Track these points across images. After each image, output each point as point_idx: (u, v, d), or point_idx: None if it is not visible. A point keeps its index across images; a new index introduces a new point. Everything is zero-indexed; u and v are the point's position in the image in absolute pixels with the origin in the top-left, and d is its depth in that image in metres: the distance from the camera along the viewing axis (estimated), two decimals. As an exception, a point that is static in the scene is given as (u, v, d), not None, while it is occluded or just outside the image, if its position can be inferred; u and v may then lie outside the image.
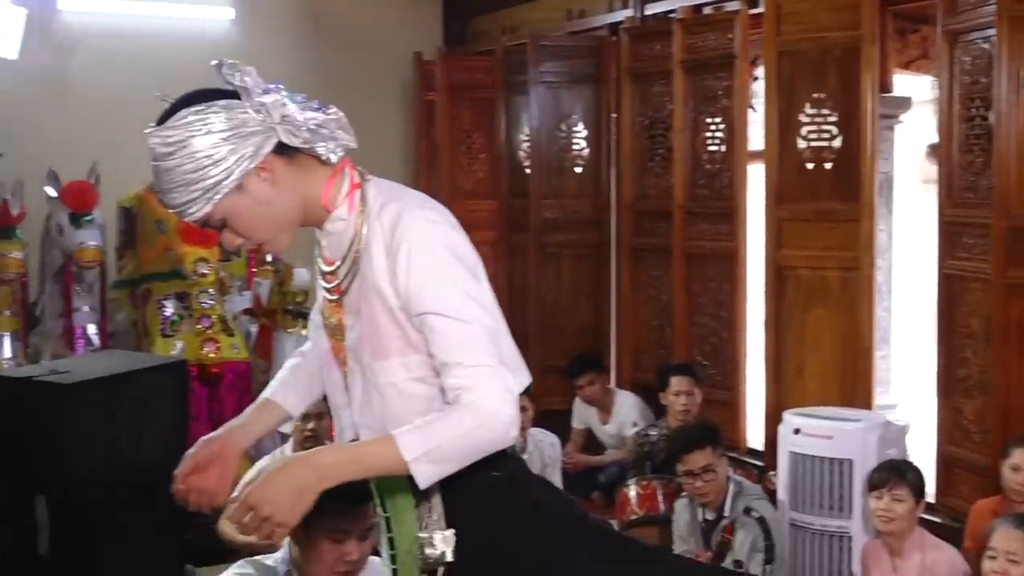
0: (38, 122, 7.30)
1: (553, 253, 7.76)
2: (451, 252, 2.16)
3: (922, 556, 4.18)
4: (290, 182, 2.16)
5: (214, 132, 2.07)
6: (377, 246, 2.15)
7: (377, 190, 2.24)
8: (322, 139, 2.14)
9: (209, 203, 2.10)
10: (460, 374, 2.07)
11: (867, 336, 5.63)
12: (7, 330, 6.01)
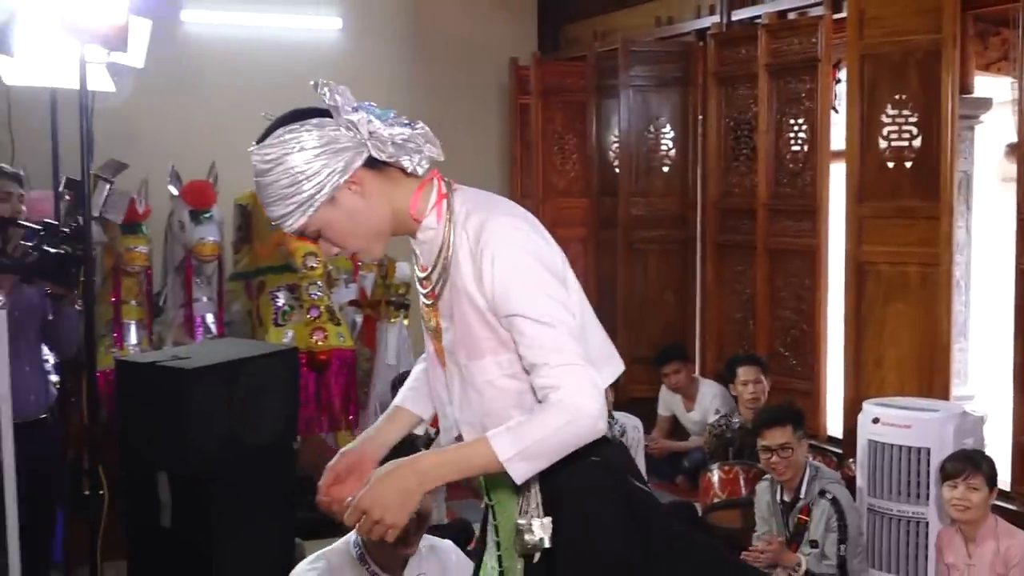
0: (162, 125, 7.45)
1: (641, 249, 7.75)
2: (533, 256, 2.15)
3: (996, 543, 4.12)
4: (380, 194, 2.18)
5: (307, 149, 2.11)
6: (463, 253, 2.17)
7: (463, 199, 2.24)
8: (408, 153, 2.17)
9: (304, 215, 2.14)
10: (547, 374, 2.08)
11: (945, 330, 5.55)
12: (133, 319, 6.13)
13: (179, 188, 6.12)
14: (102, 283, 6.05)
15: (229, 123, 7.69)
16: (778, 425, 4.72)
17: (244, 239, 6.39)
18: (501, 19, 9.00)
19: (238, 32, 8.09)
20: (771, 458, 4.69)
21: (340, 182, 2.12)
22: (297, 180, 2.11)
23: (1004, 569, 4.07)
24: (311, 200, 2.12)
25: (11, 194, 4.55)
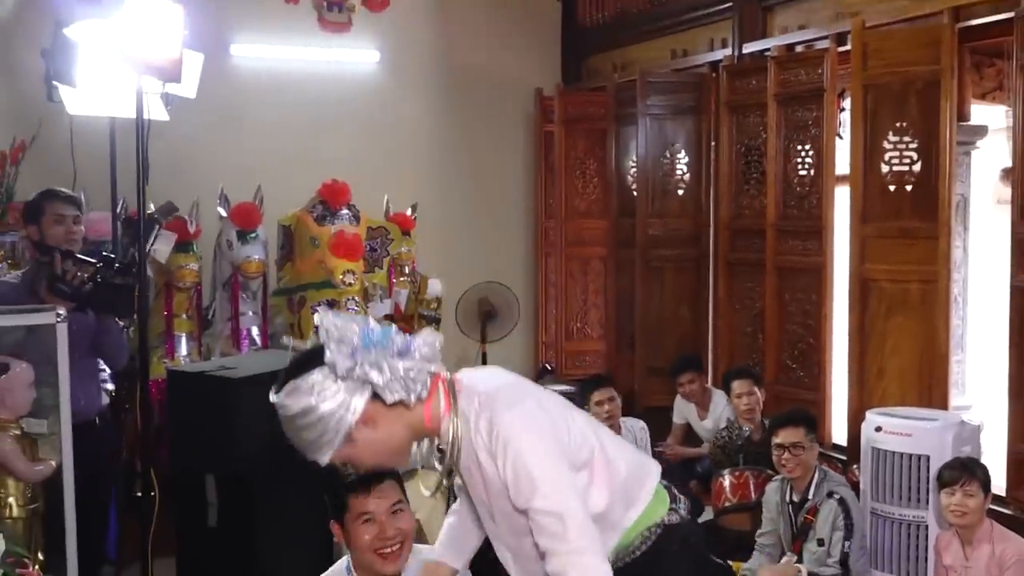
0: (212, 151, 7.50)
1: (657, 267, 7.74)
2: (540, 446, 2.24)
3: (992, 546, 4.08)
4: (392, 420, 2.27)
5: (317, 403, 2.21)
6: (483, 453, 2.27)
7: (468, 400, 2.32)
8: (408, 388, 2.22)
9: (326, 455, 2.27)
10: (555, 562, 2.19)
11: (944, 343, 5.53)
12: (184, 331, 6.17)
13: (227, 210, 6.17)
14: (155, 298, 6.09)
15: (274, 150, 7.78)
16: (792, 425, 4.75)
17: (287, 257, 6.42)
18: (527, 52, 9.02)
19: (283, 65, 8.15)
20: (783, 455, 4.70)
21: (352, 424, 2.22)
22: (319, 428, 2.23)
23: (999, 571, 4.04)
24: (329, 443, 2.24)
25: (65, 216, 4.53)
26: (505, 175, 8.97)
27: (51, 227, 4.50)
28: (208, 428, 3.99)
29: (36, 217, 4.55)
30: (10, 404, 3.86)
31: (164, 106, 4.96)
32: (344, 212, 6.24)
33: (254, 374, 4.06)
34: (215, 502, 3.99)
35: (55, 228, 4.50)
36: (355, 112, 8.31)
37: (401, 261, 6.89)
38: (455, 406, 2.31)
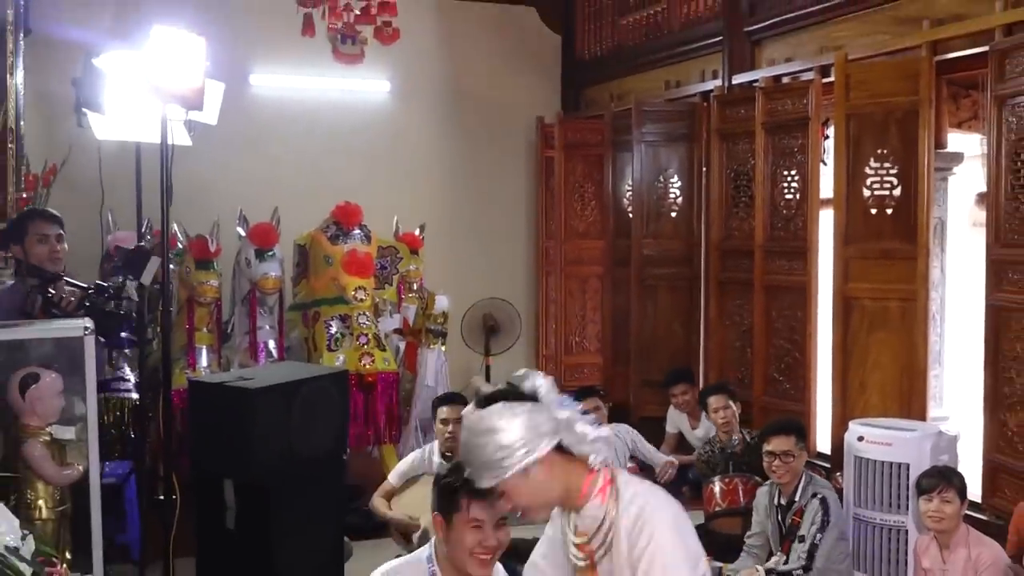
0: (232, 175, 7.53)
1: (651, 285, 7.74)
2: (680, 551, 2.26)
3: (968, 550, 4.07)
4: (561, 474, 2.32)
5: (516, 429, 2.26)
6: (623, 535, 2.29)
7: (625, 485, 2.35)
8: (595, 450, 2.33)
9: (496, 479, 2.29)
10: None
11: (922, 358, 5.53)
12: (205, 344, 6.17)
13: (246, 229, 6.17)
14: (177, 312, 6.10)
15: (291, 173, 7.82)
16: (783, 434, 4.76)
17: (302, 275, 6.43)
18: (529, 83, 9.07)
19: (299, 94, 8.20)
20: (774, 462, 4.71)
21: (533, 460, 2.26)
22: (502, 449, 2.25)
23: (975, 574, 4.03)
24: (506, 469, 2.26)
25: (48, 235, 4.47)
26: (508, 198, 8.99)
27: (35, 246, 4.44)
28: (227, 435, 3.98)
29: (20, 237, 4.48)
30: (40, 412, 3.87)
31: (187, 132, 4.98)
32: (356, 232, 6.25)
33: (270, 385, 4.06)
34: (233, 506, 3.97)
35: (39, 247, 4.44)
36: (367, 138, 8.34)
37: (410, 278, 6.89)
38: (615, 487, 2.33)
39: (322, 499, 4.26)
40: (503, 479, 2.27)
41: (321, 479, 4.27)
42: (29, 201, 5.78)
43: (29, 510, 3.84)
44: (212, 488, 4.04)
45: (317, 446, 4.19)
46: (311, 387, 4.20)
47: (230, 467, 3.99)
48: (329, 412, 4.28)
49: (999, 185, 5.02)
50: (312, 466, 4.17)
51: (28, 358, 3.91)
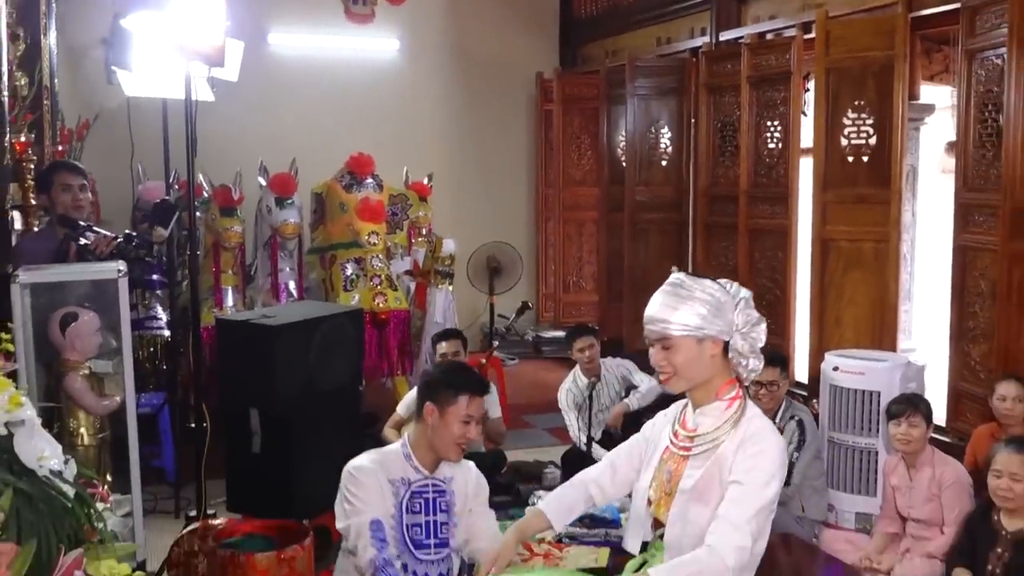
0: (252, 128, 7.49)
1: (643, 228, 7.74)
2: (776, 466, 2.30)
3: (932, 469, 4.11)
4: (715, 364, 2.36)
5: (715, 306, 2.34)
6: (736, 438, 2.33)
7: (755, 409, 2.41)
8: (745, 371, 2.39)
9: (675, 331, 2.32)
10: (717, 528, 2.23)
11: (893, 294, 5.55)
12: (230, 285, 6.18)
13: (266, 179, 6.15)
14: (204, 257, 6.10)
15: (307, 126, 7.77)
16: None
17: (319, 221, 6.41)
18: (529, 41, 8.98)
19: (314, 52, 8.13)
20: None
21: (708, 335, 2.32)
22: (695, 312, 2.32)
23: (938, 490, 4.06)
24: (690, 329, 2.31)
25: (71, 185, 4.46)
26: (509, 148, 8.95)
27: (59, 195, 4.45)
28: (251, 368, 4.00)
29: (47, 186, 4.50)
30: (80, 348, 3.89)
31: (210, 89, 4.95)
32: (369, 181, 6.22)
33: (291, 322, 4.08)
34: (258, 432, 4.01)
35: (63, 196, 4.45)
36: (378, 93, 8.28)
37: (419, 224, 6.89)
38: (744, 404, 2.38)
39: (339, 426, 4.29)
40: (678, 335, 2.31)
41: (338, 408, 4.31)
42: (64, 153, 5.75)
43: (72, 437, 3.88)
44: (239, 417, 4.07)
45: (334, 378, 4.21)
46: (329, 324, 4.22)
47: (255, 397, 4.02)
48: (345, 347, 4.30)
49: (967, 134, 4.98)
50: (330, 396, 4.20)
51: (67, 299, 3.92)
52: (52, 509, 1.61)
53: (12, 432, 1.63)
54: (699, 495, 2.30)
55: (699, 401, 2.40)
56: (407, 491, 2.95)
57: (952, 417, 5.06)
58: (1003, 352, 4.73)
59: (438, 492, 2.97)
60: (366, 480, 2.90)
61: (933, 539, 4.02)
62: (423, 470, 2.97)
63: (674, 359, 2.33)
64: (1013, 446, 3.55)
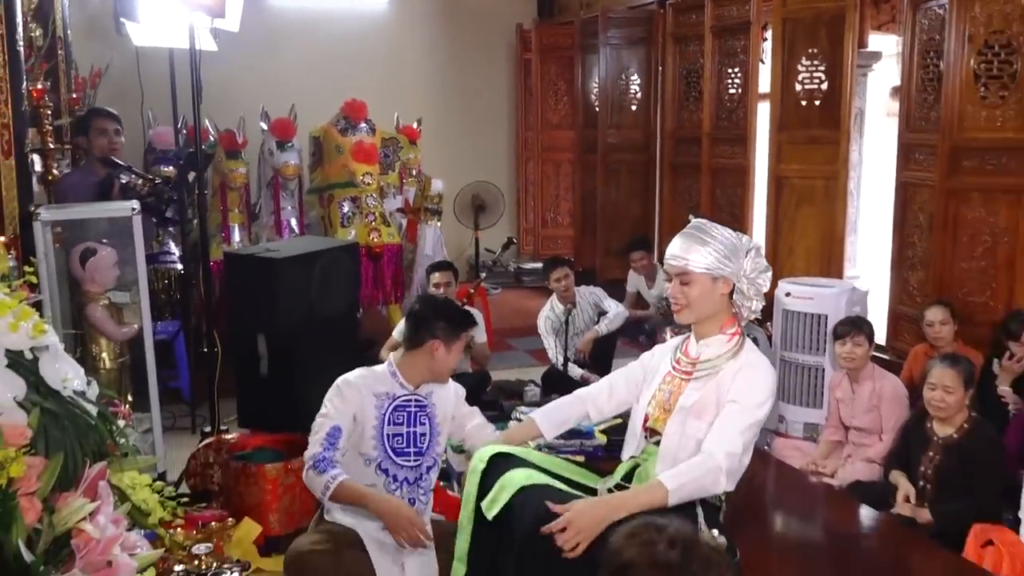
0: (254, 76, 7.35)
1: (614, 168, 7.71)
2: (766, 405, 2.35)
3: (873, 383, 4.15)
4: (722, 302, 2.41)
5: (731, 249, 2.38)
6: (733, 367, 2.38)
7: (749, 344, 2.45)
8: (745, 312, 2.44)
9: (694, 266, 2.36)
10: (713, 437, 2.29)
11: (840, 227, 5.56)
12: (237, 222, 6.12)
13: (268, 124, 6.07)
14: (212, 196, 6.03)
15: (304, 75, 7.63)
16: None
17: (317, 163, 6.34)
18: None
19: (311, 4, 7.97)
20: None
21: (722, 275, 2.37)
22: (718, 246, 2.36)
23: (877, 402, 4.12)
24: (706, 266, 2.35)
25: (107, 129, 4.53)
26: (492, 95, 8.84)
27: (97, 138, 4.51)
28: (258, 298, 3.99)
29: (84, 130, 4.56)
30: (99, 280, 3.86)
31: (213, 39, 4.84)
32: (362, 125, 6.15)
33: (293, 255, 4.05)
34: (265, 355, 4.01)
35: (99, 139, 4.51)
36: (370, 43, 8.13)
37: (409, 165, 6.83)
38: (743, 336, 2.44)
39: (338, 350, 4.29)
40: (696, 270, 2.35)
41: (337, 333, 4.30)
42: (79, 101, 5.64)
43: (94, 362, 3.87)
44: (247, 341, 4.07)
45: (333, 306, 4.20)
46: (327, 257, 4.20)
47: (261, 324, 4.01)
48: (343, 278, 4.29)
49: (911, 79, 4.96)
50: (330, 323, 4.20)
51: (87, 235, 3.88)
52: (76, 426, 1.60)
53: (37, 356, 1.61)
54: (697, 412, 2.36)
55: (703, 334, 2.45)
56: (390, 404, 2.99)
57: (892, 337, 5.12)
58: (938, 279, 4.77)
59: (419, 407, 3.01)
60: (348, 394, 2.94)
61: (872, 446, 4.09)
62: (408, 386, 3.01)
63: (690, 293, 2.38)
64: (947, 362, 3.59)
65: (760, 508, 3.49)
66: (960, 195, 4.66)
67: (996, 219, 4.55)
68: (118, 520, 1.60)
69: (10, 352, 1.57)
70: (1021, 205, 4.44)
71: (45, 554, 1.48)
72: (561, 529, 2.13)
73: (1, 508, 1.41)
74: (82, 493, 1.53)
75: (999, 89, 4.46)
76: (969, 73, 4.54)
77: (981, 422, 3.55)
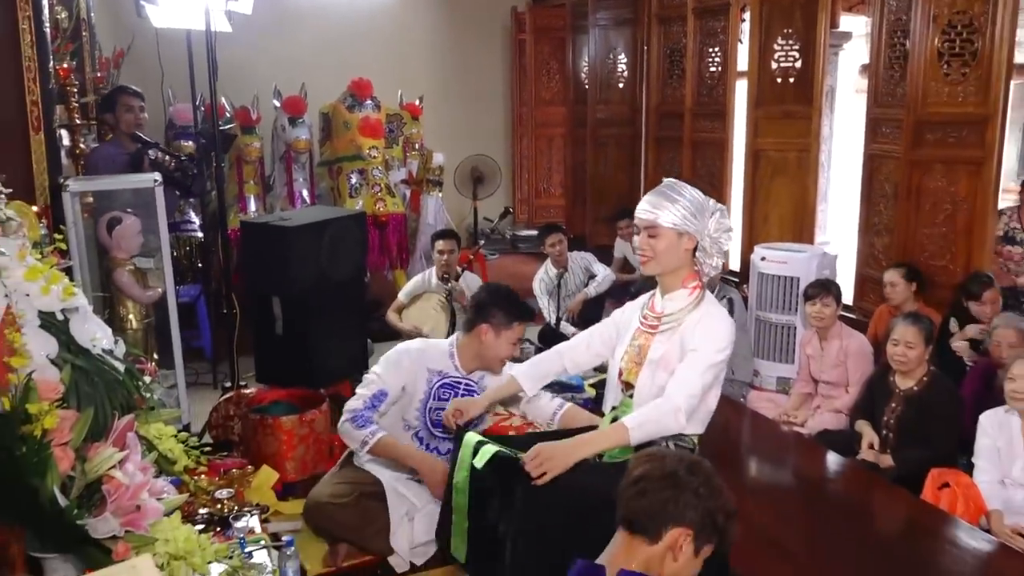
0: (266, 56, 7.24)
1: (602, 142, 7.65)
2: (723, 342, 2.32)
3: (840, 341, 4.18)
4: (686, 258, 2.37)
5: (697, 208, 2.34)
6: (694, 319, 2.35)
7: (709, 297, 2.42)
8: (708, 269, 2.40)
9: (663, 221, 2.32)
10: (672, 381, 2.28)
11: (812, 196, 5.53)
12: (252, 193, 6.10)
13: (280, 101, 6.03)
14: (229, 169, 6.00)
15: (314, 55, 7.53)
16: None
17: (327, 137, 6.30)
18: (505, -23, 8.68)
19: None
20: None
21: (687, 231, 2.33)
22: (687, 205, 2.32)
23: (844, 358, 4.14)
24: (673, 222, 2.31)
25: (133, 107, 4.50)
26: (489, 73, 8.74)
27: (123, 115, 4.47)
28: (272, 263, 3.97)
29: (112, 107, 4.51)
30: (124, 247, 3.85)
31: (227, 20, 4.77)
32: (368, 102, 6.09)
33: (305, 224, 4.03)
34: (280, 316, 4.01)
35: (126, 115, 4.47)
36: (375, 25, 8.02)
37: (412, 139, 6.79)
38: (703, 294, 2.40)
39: (348, 311, 4.29)
40: (663, 225, 2.31)
41: (346, 296, 4.30)
42: (103, 80, 5.57)
43: (122, 323, 3.86)
44: (263, 304, 4.06)
45: (342, 271, 4.19)
46: (336, 225, 4.18)
47: (276, 287, 4.00)
48: (351, 244, 4.27)
49: (879, 58, 4.91)
50: (339, 286, 4.19)
51: (113, 204, 3.85)
52: (105, 382, 1.60)
53: (68, 318, 1.60)
54: (665, 364, 2.35)
55: (667, 288, 2.42)
56: (440, 380, 2.97)
57: (858, 298, 5.12)
58: (902, 244, 4.77)
59: (468, 390, 2.98)
60: (406, 363, 2.93)
61: (839, 397, 4.12)
62: (461, 370, 2.99)
63: (656, 245, 2.34)
64: (909, 320, 3.60)
65: (736, 454, 3.52)
66: (923, 166, 4.64)
67: (956, 188, 4.54)
68: (146, 468, 1.60)
69: (42, 313, 1.56)
70: (980, 175, 4.42)
71: (78, 499, 1.48)
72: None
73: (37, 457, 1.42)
74: (112, 443, 1.54)
75: (961, 67, 4.42)
76: (933, 52, 4.50)
77: (940, 376, 3.57)
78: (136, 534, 1.49)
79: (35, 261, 1.61)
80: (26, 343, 1.47)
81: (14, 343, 1.43)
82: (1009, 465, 3.09)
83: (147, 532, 1.50)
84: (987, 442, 3.15)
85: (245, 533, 2.34)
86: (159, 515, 1.55)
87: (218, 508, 2.61)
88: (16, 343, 1.43)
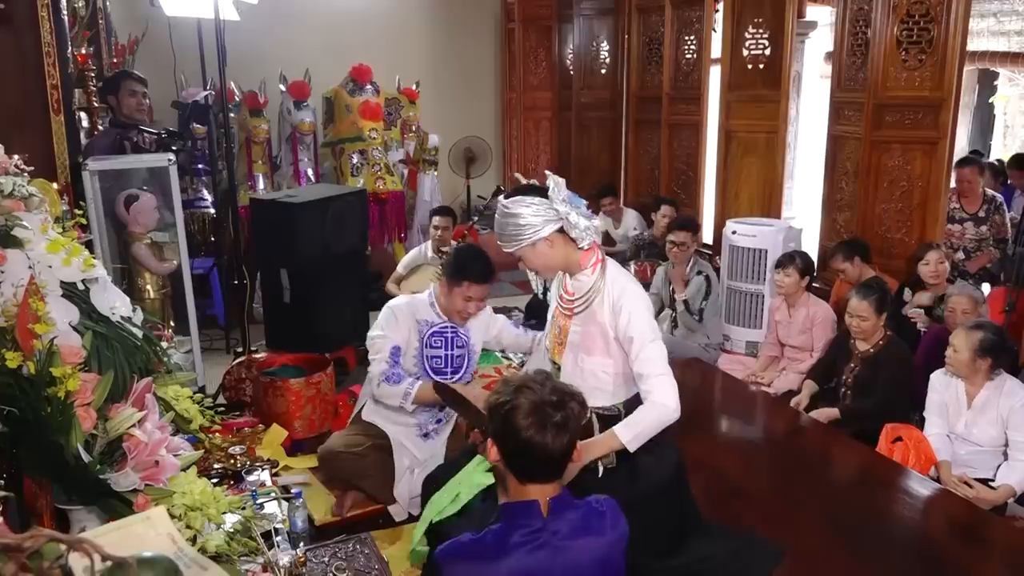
0: (272, 43, 7.14)
1: (586, 124, 7.59)
2: (647, 311, 2.24)
3: (807, 309, 4.19)
4: (562, 249, 2.26)
5: (529, 214, 2.20)
6: (607, 303, 2.25)
7: (613, 269, 2.31)
8: (584, 236, 2.23)
9: (514, 248, 2.25)
10: (647, 384, 2.18)
11: (779, 174, 5.52)
12: (260, 172, 6.05)
13: (286, 86, 5.96)
14: (238, 150, 5.95)
15: (318, 41, 7.43)
16: (683, 230, 4.74)
17: (329, 120, 6.24)
18: (495, -31, 8.56)
19: (321, -21, 7.71)
20: (672, 249, 4.73)
21: (541, 237, 2.21)
22: (519, 228, 2.20)
23: (810, 324, 4.16)
24: (521, 242, 2.22)
25: (136, 91, 4.40)
26: (480, 60, 8.65)
27: (126, 99, 4.38)
28: (280, 237, 3.96)
29: (115, 91, 4.40)
30: (142, 222, 3.81)
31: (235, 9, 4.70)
32: (368, 87, 6.03)
33: (310, 200, 4.02)
34: (287, 287, 4.00)
35: (129, 99, 4.38)
36: (375, 13, 7.91)
37: (409, 122, 6.74)
38: (604, 266, 2.29)
39: (350, 281, 4.29)
40: (519, 248, 2.24)
41: (349, 267, 4.29)
42: (120, 65, 5.48)
43: (140, 293, 3.84)
44: (272, 275, 4.06)
45: (345, 244, 4.18)
46: (339, 202, 4.16)
47: (283, 260, 4.00)
48: (353, 220, 4.26)
49: (842, 45, 4.87)
50: (342, 258, 4.18)
51: (130, 183, 3.81)
52: (125, 347, 1.59)
53: (88, 287, 1.59)
54: (586, 348, 2.29)
55: (572, 273, 2.33)
56: (429, 330, 3.02)
57: (821, 268, 5.12)
58: (861, 219, 4.77)
59: (455, 333, 3.04)
60: (400, 316, 2.97)
61: (804, 361, 4.14)
62: (442, 316, 3.02)
63: (531, 263, 2.27)
64: (860, 294, 3.61)
65: (708, 412, 3.54)
66: (882, 146, 4.63)
67: (912, 167, 4.53)
68: (163, 427, 1.60)
69: (64, 283, 1.54)
70: (934, 155, 4.42)
71: (101, 455, 1.48)
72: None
73: (61, 416, 1.41)
74: (131, 404, 1.53)
75: (918, 53, 4.40)
76: (893, 39, 4.47)
77: (895, 340, 3.59)
78: (155, 487, 1.49)
79: (56, 235, 1.59)
80: (49, 311, 1.45)
81: (38, 311, 1.41)
82: (955, 421, 3.12)
83: (165, 486, 1.50)
84: (936, 398, 3.18)
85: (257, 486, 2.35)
86: (176, 470, 1.54)
87: (231, 463, 2.61)
88: (40, 311, 1.42)
